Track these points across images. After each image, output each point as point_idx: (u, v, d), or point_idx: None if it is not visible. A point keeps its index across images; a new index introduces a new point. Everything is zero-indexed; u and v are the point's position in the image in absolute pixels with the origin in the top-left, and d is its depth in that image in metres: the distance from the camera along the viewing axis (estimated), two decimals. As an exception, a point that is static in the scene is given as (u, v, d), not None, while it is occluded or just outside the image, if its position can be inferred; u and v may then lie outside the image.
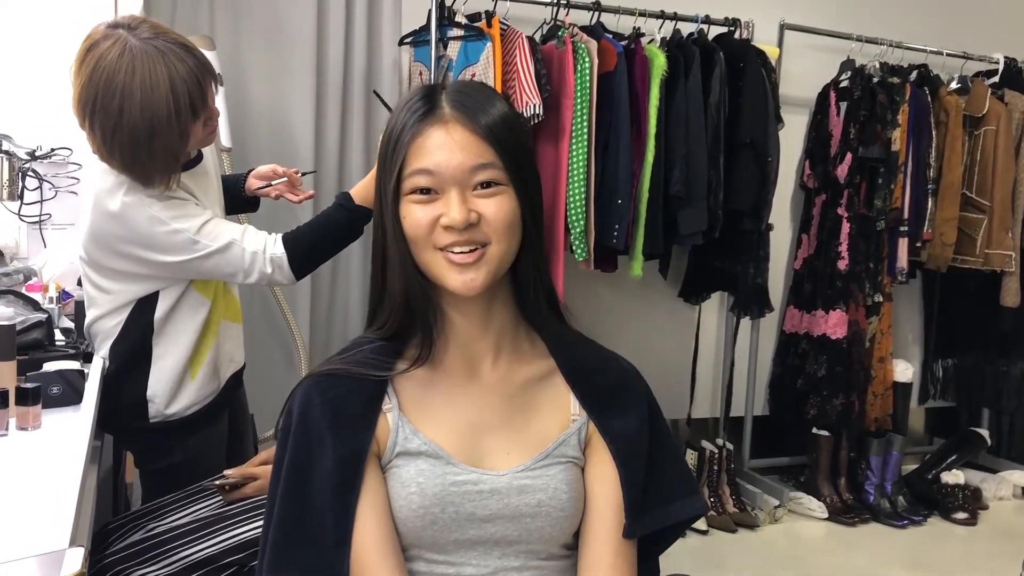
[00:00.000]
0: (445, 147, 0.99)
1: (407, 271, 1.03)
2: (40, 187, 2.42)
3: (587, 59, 2.97)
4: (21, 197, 2.41)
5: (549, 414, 1.07)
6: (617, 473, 1.04)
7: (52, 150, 2.40)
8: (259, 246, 1.77)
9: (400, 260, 1.02)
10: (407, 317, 1.05)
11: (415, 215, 1.00)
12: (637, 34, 3.19)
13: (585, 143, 2.93)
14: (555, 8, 3.13)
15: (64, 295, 2.16)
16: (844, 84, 3.63)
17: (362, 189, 1.85)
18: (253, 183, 2.14)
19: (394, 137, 1.02)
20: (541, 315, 1.09)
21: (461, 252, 0.99)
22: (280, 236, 1.80)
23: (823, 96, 3.70)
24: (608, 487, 1.05)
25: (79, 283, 1.99)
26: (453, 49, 2.99)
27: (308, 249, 1.83)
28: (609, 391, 1.09)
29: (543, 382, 1.09)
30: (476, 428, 1.05)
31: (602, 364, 1.12)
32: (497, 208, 1.00)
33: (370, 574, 0.98)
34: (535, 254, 1.05)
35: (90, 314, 1.83)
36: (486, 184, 1.00)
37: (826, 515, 3.55)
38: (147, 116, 1.60)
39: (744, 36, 3.41)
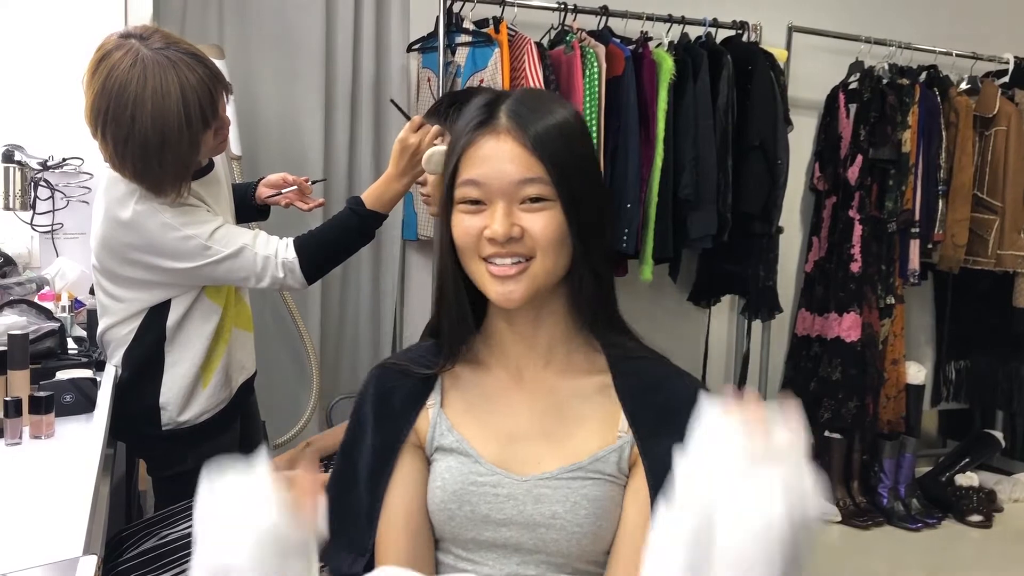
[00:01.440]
0: (493, 159, 0.99)
1: (448, 275, 1.06)
2: (52, 197, 2.43)
3: (595, 64, 2.97)
4: (33, 207, 2.42)
5: (595, 428, 1.05)
6: (649, 495, 1.01)
7: (64, 160, 2.41)
8: (271, 250, 1.77)
9: (449, 266, 1.05)
10: (452, 320, 1.08)
11: (463, 224, 1.01)
12: (645, 38, 3.20)
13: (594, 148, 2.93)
14: (562, 13, 3.13)
15: (76, 304, 2.17)
16: (853, 86, 3.62)
17: (374, 193, 1.84)
18: (263, 191, 2.15)
19: (453, 143, 1.04)
20: (599, 329, 1.08)
21: (502, 264, 0.99)
22: (292, 240, 1.81)
23: (832, 98, 3.69)
24: (640, 508, 1.02)
25: (91, 292, 2.00)
26: (461, 55, 3.00)
27: (320, 253, 1.83)
28: (662, 411, 1.04)
29: (596, 396, 1.07)
30: (513, 433, 1.05)
31: (660, 382, 1.08)
32: (542, 223, 0.99)
33: (387, 551, 1.03)
34: (586, 269, 1.03)
35: (103, 322, 1.84)
36: (533, 199, 0.99)
37: (839, 518, 3.53)
38: (158, 126, 1.61)
39: (752, 39, 3.41)
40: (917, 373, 3.81)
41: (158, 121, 1.60)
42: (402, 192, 1.85)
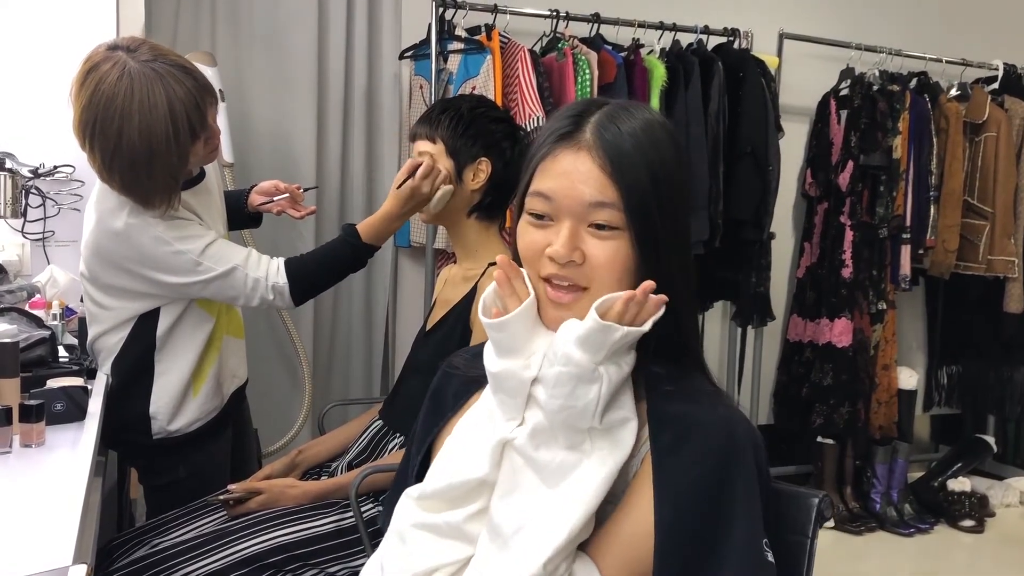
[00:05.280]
0: (568, 176, 0.96)
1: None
2: (43, 204, 2.42)
3: (587, 71, 2.98)
4: (24, 215, 2.41)
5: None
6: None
7: (55, 168, 2.40)
8: (261, 273, 1.77)
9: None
10: None
11: (528, 236, 0.99)
12: (636, 45, 3.21)
13: (586, 154, 2.94)
14: (554, 20, 3.14)
15: (67, 312, 2.16)
16: (844, 92, 3.64)
17: (371, 228, 1.83)
18: (255, 199, 2.14)
19: (534, 149, 1.01)
20: (658, 379, 0.99)
21: (559, 287, 0.97)
22: (283, 264, 1.80)
23: (823, 104, 3.70)
24: (637, 518, 0.95)
25: (82, 300, 1.99)
26: (453, 62, 3.00)
27: (310, 280, 1.83)
28: (681, 433, 0.96)
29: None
30: None
31: (691, 413, 0.97)
32: (606, 253, 0.95)
33: None
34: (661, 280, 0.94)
35: (92, 331, 1.84)
36: (601, 225, 0.95)
37: (832, 524, 3.53)
38: (145, 139, 1.60)
39: (743, 46, 3.42)
40: (909, 378, 3.82)
41: (145, 134, 1.60)
42: (398, 228, 1.86)
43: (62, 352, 1.89)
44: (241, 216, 2.15)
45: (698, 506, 0.92)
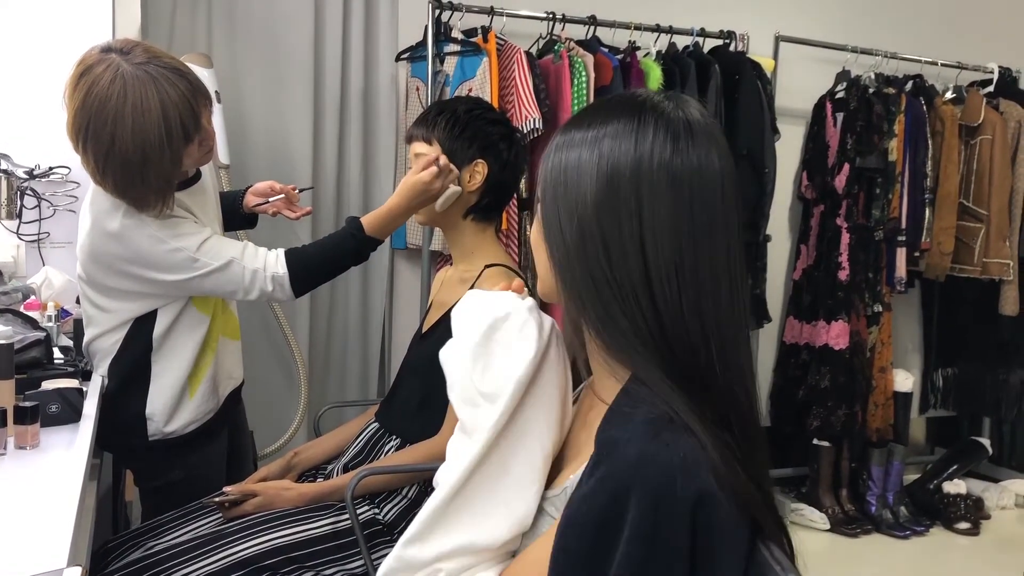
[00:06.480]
0: None
1: None
2: (39, 206, 2.42)
3: (583, 73, 2.99)
4: (20, 216, 2.41)
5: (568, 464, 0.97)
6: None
7: (50, 169, 2.40)
8: (260, 264, 1.76)
9: None
10: None
11: None
12: (633, 48, 3.21)
13: (582, 156, 2.94)
14: (551, 23, 3.14)
15: (63, 313, 2.15)
16: (840, 95, 3.64)
17: (376, 222, 1.82)
18: (251, 200, 2.14)
19: None
20: (620, 400, 0.89)
21: None
22: (283, 254, 1.79)
23: (819, 107, 3.71)
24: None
25: (78, 301, 1.99)
26: (450, 64, 3.00)
27: (312, 271, 1.83)
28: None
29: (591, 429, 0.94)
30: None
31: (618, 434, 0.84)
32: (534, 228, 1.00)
33: None
34: (567, 296, 0.92)
35: (88, 333, 1.83)
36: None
37: (828, 526, 3.54)
38: (138, 142, 1.59)
39: (739, 48, 3.42)
40: (905, 380, 3.82)
41: (138, 137, 1.59)
42: (402, 223, 1.86)
43: (57, 354, 1.89)
44: (237, 217, 2.15)
45: (583, 543, 0.81)
